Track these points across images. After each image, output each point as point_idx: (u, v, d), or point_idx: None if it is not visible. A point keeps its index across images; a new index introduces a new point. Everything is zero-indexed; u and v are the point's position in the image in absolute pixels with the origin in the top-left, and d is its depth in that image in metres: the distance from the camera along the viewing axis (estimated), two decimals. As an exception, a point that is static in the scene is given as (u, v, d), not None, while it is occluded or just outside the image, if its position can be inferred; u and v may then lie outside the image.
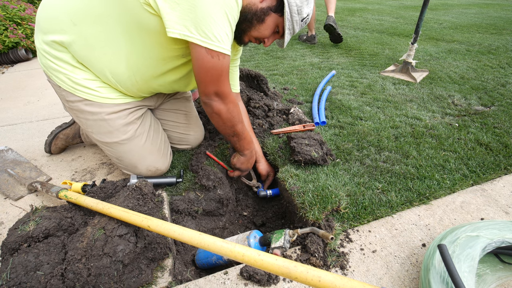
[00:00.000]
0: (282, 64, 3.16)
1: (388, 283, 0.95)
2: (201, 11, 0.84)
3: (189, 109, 1.62)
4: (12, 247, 0.92)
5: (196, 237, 0.81)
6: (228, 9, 0.87)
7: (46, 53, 1.14)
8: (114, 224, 0.93)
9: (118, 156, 1.34)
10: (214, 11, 0.85)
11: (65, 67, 1.16)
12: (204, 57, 0.91)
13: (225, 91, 1.04)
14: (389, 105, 2.12)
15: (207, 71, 0.95)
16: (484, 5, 7.98)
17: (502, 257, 0.95)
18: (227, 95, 1.05)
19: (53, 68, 1.16)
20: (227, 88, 1.04)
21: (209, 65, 0.93)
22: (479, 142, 1.64)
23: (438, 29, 4.79)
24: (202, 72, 0.96)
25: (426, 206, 1.24)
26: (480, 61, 3.09)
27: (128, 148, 1.31)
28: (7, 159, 1.61)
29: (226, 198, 1.43)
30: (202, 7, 0.84)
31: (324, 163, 1.40)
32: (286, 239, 0.97)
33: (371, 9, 7.22)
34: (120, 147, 1.31)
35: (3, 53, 3.47)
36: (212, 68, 0.94)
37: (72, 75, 1.16)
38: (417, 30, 2.55)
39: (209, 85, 1.00)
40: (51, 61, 1.15)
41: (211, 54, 0.91)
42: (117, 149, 1.31)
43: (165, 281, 0.97)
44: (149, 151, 1.36)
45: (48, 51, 1.14)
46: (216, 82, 0.99)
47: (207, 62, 0.92)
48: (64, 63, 1.15)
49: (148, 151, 1.35)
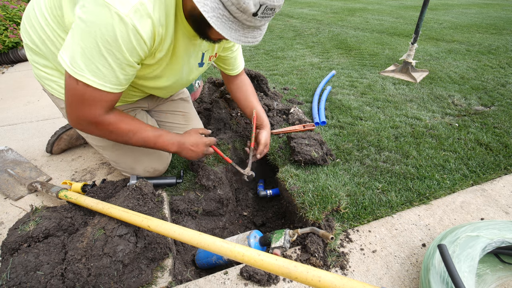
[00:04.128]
0: (282, 64, 3.16)
1: (388, 283, 0.95)
2: (79, 46, 0.85)
3: (187, 110, 1.61)
4: (12, 247, 0.92)
5: (196, 237, 0.81)
6: (105, 44, 0.83)
7: (35, 63, 1.16)
8: (114, 224, 0.93)
9: (115, 159, 1.34)
10: (89, 46, 0.83)
11: (54, 74, 1.17)
12: (66, 81, 0.91)
13: (85, 116, 0.97)
14: (389, 105, 2.12)
15: (70, 95, 0.93)
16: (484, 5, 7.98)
17: (502, 257, 0.95)
18: (93, 120, 0.98)
19: (44, 77, 1.18)
20: (88, 113, 0.97)
21: (69, 89, 0.92)
22: (479, 142, 1.64)
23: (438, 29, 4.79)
24: (65, 95, 0.95)
25: (426, 206, 1.24)
26: (480, 61, 3.09)
27: (123, 151, 1.31)
28: (7, 159, 1.61)
29: (226, 198, 1.43)
30: (80, 43, 0.84)
31: (324, 163, 1.40)
32: (286, 239, 0.97)
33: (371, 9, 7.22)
34: (115, 150, 1.30)
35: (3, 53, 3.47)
36: (74, 94, 0.92)
37: (61, 81, 1.18)
38: (417, 30, 2.55)
39: (69, 109, 0.97)
40: (41, 70, 1.16)
41: (75, 81, 0.89)
42: (112, 152, 1.31)
43: (165, 281, 0.97)
44: (144, 152, 1.34)
45: (36, 60, 1.15)
46: (77, 106, 0.95)
47: (68, 85, 0.91)
48: (52, 70, 1.17)
49: (144, 152, 1.34)
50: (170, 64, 1.09)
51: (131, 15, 0.81)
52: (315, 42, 4.14)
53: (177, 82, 1.22)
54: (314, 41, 4.20)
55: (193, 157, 1.24)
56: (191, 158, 1.25)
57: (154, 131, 1.14)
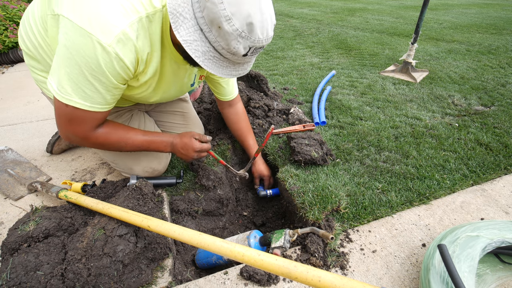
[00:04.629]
0: (282, 64, 3.16)
1: (388, 283, 0.95)
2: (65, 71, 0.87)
3: (186, 109, 1.61)
4: (12, 247, 0.92)
5: (196, 237, 0.81)
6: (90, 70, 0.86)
7: (32, 67, 1.18)
8: (114, 224, 0.93)
9: (113, 159, 1.34)
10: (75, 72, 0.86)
11: None
12: (55, 103, 0.95)
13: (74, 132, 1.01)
14: (389, 105, 2.12)
15: (60, 116, 0.97)
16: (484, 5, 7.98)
17: (502, 257, 0.95)
18: (82, 136, 1.02)
19: (41, 81, 1.19)
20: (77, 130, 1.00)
21: (58, 110, 0.96)
22: (479, 142, 1.64)
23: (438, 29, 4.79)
24: (55, 115, 0.99)
25: (426, 206, 1.24)
26: (480, 61, 3.09)
27: (121, 152, 1.31)
28: (7, 159, 1.61)
29: (226, 198, 1.43)
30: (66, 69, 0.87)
31: (324, 163, 1.40)
32: (286, 239, 0.97)
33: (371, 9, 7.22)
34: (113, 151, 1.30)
35: (3, 53, 3.47)
36: (64, 115, 0.96)
37: None
38: (417, 30, 2.55)
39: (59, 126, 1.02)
40: (38, 74, 1.18)
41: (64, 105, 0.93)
42: (111, 153, 1.31)
43: (165, 281, 0.97)
44: (143, 152, 1.34)
45: (33, 65, 1.16)
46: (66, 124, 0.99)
47: (58, 108, 0.95)
48: (48, 73, 1.16)
49: (142, 153, 1.34)
50: (157, 87, 1.12)
51: (114, 44, 0.83)
52: (315, 42, 4.14)
53: (167, 99, 1.27)
54: (314, 41, 4.20)
55: (184, 159, 1.26)
56: (183, 160, 1.27)
57: (145, 136, 1.16)
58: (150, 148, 1.19)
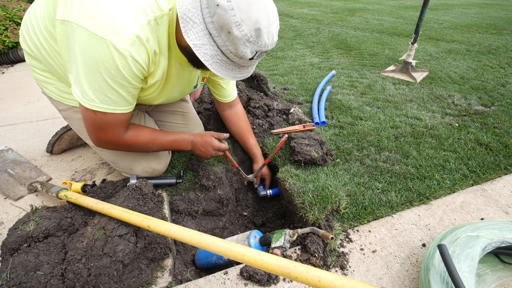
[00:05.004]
0: (282, 64, 3.16)
1: (388, 283, 0.95)
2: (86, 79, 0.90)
3: (186, 109, 1.61)
4: (12, 247, 0.92)
5: (196, 237, 0.81)
6: (110, 76, 0.89)
7: (33, 67, 1.19)
8: (114, 224, 0.93)
9: (113, 159, 1.34)
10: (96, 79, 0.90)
11: (51, 77, 1.19)
12: (83, 111, 0.99)
13: (107, 138, 1.07)
14: (389, 105, 2.12)
15: (90, 124, 1.02)
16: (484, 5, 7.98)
17: (502, 257, 0.95)
18: (114, 141, 1.09)
19: (42, 80, 1.20)
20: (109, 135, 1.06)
21: (87, 118, 1.00)
22: (479, 142, 1.64)
23: (438, 29, 4.79)
24: (85, 123, 1.04)
25: (426, 206, 1.24)
26: (480, 61, 3.09)
27: (120, 152, 1.31)
28: (7, 159, 1.61)
29: (226, 198, 1.43)
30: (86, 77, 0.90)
31: (324, 163, 1.40)
32: (286, 239, 0.97)
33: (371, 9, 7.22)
34: (112, 151, 1.30)
35: (3, 53, 3.47)
36: (94, 122, 1.01)
37: (58, 84, 1.20)
38: (417, 30, 2.55)
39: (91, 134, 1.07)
40: (39, 73, 1.19)
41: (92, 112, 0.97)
42: (110, 153, 1.31)
43: (165, 281, 0.97)
44: (142, 152, 1.34)
45: (34, 64, 1.17)
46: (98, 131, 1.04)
47: (86, 115, 1.00)
48: (50, 74, 1.18)
49: (142, 153, 1.34)
50: (163, 89, 1.16)
51: (129, 48, 0.86)
52: (315, 42, 4.14)
53: (170, 100, 1.31)
54: (314, 41, 4.20)
55: (202, 157, 1.31)
56: (201, 157, 1.33)
57: (168, 136, 1.24)
58: (174, 147, 1.27)
